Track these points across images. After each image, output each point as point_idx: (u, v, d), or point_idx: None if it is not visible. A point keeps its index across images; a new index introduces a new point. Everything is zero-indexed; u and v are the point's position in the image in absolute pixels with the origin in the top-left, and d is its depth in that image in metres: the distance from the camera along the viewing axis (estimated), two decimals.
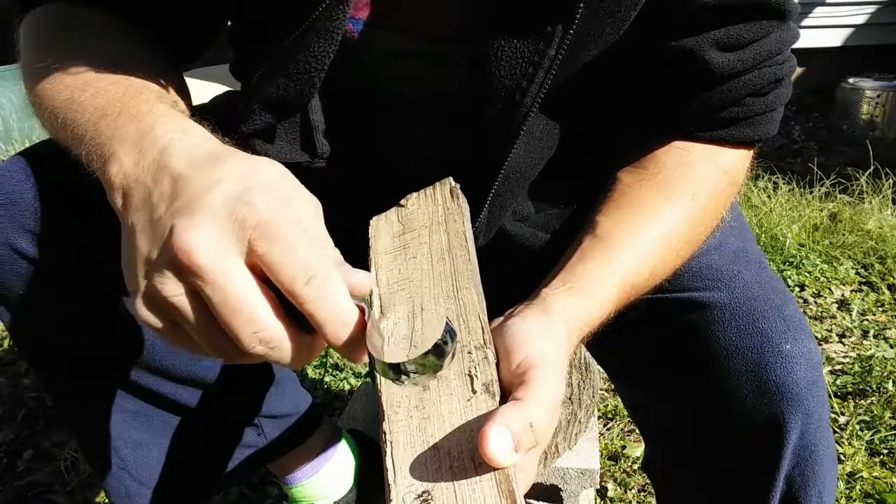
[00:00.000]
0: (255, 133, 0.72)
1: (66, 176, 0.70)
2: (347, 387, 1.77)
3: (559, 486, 1.29)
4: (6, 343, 1.95)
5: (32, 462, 1.54)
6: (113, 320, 0.77)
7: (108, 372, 0.82)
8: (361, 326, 0.48)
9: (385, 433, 0.48)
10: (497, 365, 0.53)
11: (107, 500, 1.40)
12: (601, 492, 1.43)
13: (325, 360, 1.86)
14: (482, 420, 0.47)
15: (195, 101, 0.79)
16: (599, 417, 1.62)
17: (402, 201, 0.67)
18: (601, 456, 1.45)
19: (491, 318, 0.59)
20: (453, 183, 0.68)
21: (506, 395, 0.50)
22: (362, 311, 0.48)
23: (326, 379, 1.80)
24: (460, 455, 0.46)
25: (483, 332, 0.53)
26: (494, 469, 0.45)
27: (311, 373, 1.82)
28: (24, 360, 1.83)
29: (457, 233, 0.62)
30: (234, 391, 0.92)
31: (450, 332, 0.51)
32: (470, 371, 0.51)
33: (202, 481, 0.99)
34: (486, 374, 0.50)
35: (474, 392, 0.50)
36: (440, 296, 0.57)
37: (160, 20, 0.71)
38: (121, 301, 0.77)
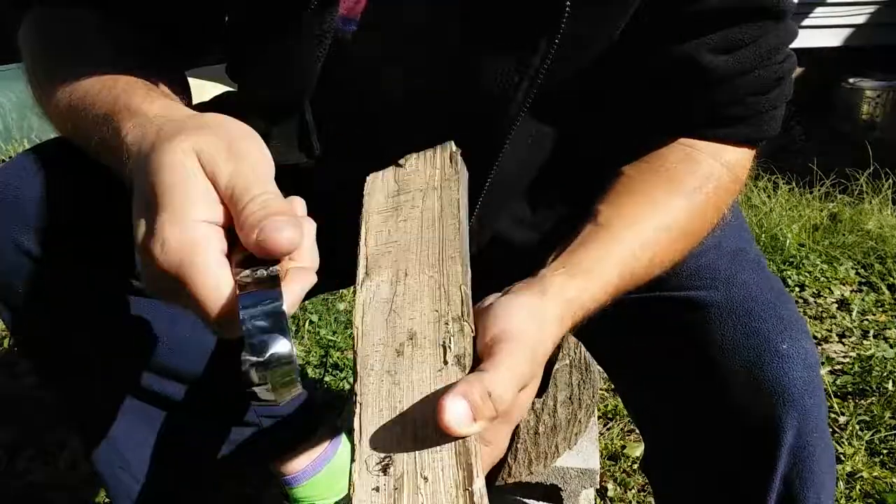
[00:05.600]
0: None
1: (73, 174, 0.70)
2: (347, 386, 1.77)
3: (559, 486, 1.28)
4: (6, 343, 1.95)
5: (32, 462, 1.54)
6: (115, 320, 0.77)
7: (111, 371, 0.82)
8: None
9: (356, 394, 0.49)
10: (476, 338, 0.53)
11: (107, 500, 1.40)
12: (601, 492, 1.43)
13: (325, 359, 1.86)
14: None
15: (195, 101, 0.79)
16: (599, 417, 1.62)
17: (401, 161, 0.66)
18: (601, 456, 1.45)
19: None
20: (454, 148, 0.67)
21: (477, 366, 0.51)
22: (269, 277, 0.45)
23: (326, 379, 1.80)
24: (425, 424, 0.47)
25: (462, 304, 0.53)
26: (456, 439, 0.45)
27: (311, 373, 1.82)
28: (24, 360, 1.83)
29: (451, 201, 0.61)
30: (228, 391, 0.92)
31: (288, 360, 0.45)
32: (444, 342, 0.51)
33: (203, 480, 0.99)
34: (459, 346, 0.51)
35: (446, 363, 0.50)
36: (425, 263, 0.56)
37: (157, 19, 0.71)
38: (124, 299, 0.77)
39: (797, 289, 2.12)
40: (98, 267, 0.73)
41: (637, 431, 1.50)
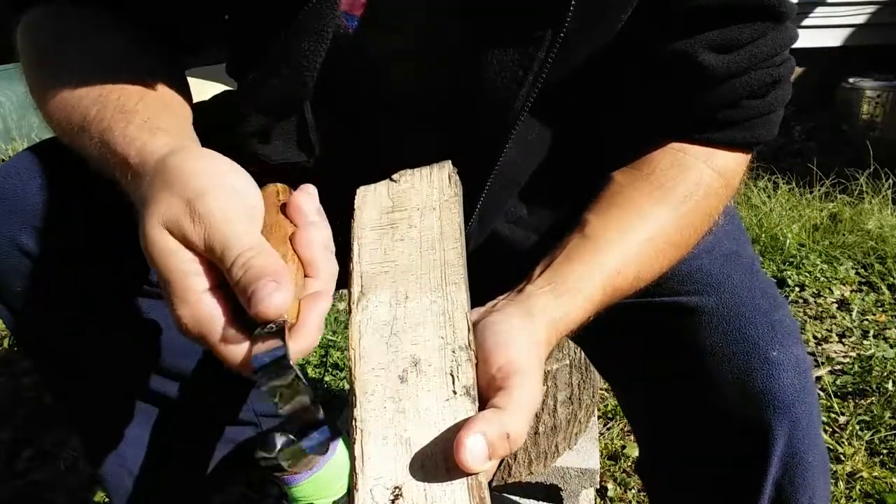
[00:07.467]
0: (252, 134, 0.71)
1: (74, 173, 0.70)
2: (347, 386, 1.77)
3: (559, 485, 1.29)
4: (6, 343, 1.95)
5: (32, 462, 1.54)
6: (114, 319, 0.77)
7: (110, 371, 0.82)
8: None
9: (356, 420, 0.47)
10: (476, 364, 0.52)
11: (106, 500, 1.40)
12: (601, 492, 1.43)
13: (324, 359, 1.86)
14: (460, 423, 0.46)
15: (195, 101, 0.79)
16: (599, 417, 1.62)
17: (395, 176, 0.65)
18: (601, 456, 1.45)
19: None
20: (452, 168, 0.65)
21: (481, 396, 0.50)
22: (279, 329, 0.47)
23: (326, 379, 1.80)
24: (433, 454, 0.45)
25: (468, 332, 0.52)
26: (467, 474, 0.44)
27: (312, 373, 1.82)
28: (24, 359, 1.83)
29: (451, 222, 0.60)
30: (220, 390, 0.93)
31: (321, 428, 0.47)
32: (452, 371, 0.50)
33: (202, 479, 0.99)
34: (467, 377, 0.49)
35: (454, 393, 0.49)
36: (427, 287, 0.55)
37: (158, 18, 0.71)
38: (123, 299, 0.77)
39: (797, 289, 2.12)
40: (97, 266, 0.73)
41: None
